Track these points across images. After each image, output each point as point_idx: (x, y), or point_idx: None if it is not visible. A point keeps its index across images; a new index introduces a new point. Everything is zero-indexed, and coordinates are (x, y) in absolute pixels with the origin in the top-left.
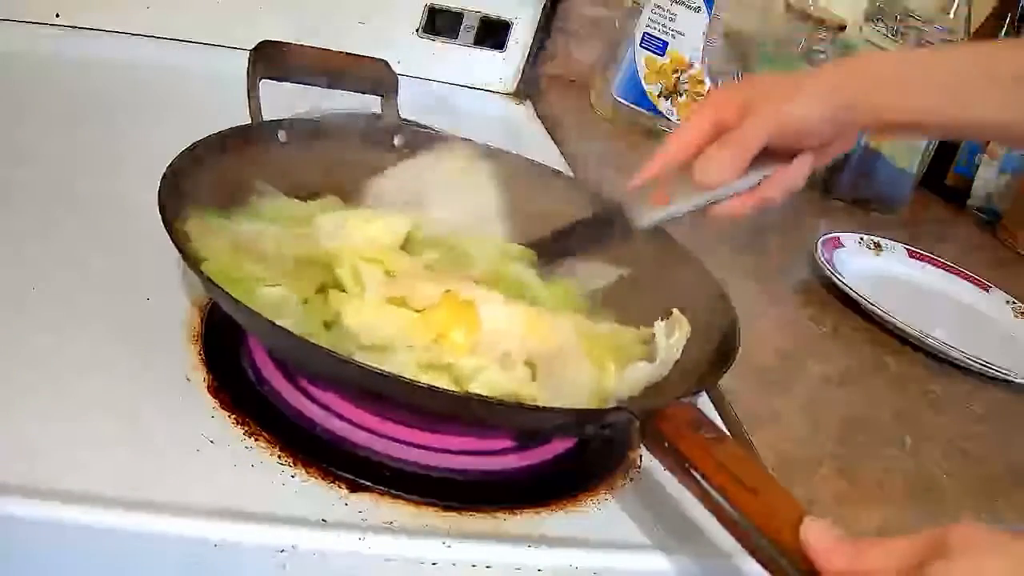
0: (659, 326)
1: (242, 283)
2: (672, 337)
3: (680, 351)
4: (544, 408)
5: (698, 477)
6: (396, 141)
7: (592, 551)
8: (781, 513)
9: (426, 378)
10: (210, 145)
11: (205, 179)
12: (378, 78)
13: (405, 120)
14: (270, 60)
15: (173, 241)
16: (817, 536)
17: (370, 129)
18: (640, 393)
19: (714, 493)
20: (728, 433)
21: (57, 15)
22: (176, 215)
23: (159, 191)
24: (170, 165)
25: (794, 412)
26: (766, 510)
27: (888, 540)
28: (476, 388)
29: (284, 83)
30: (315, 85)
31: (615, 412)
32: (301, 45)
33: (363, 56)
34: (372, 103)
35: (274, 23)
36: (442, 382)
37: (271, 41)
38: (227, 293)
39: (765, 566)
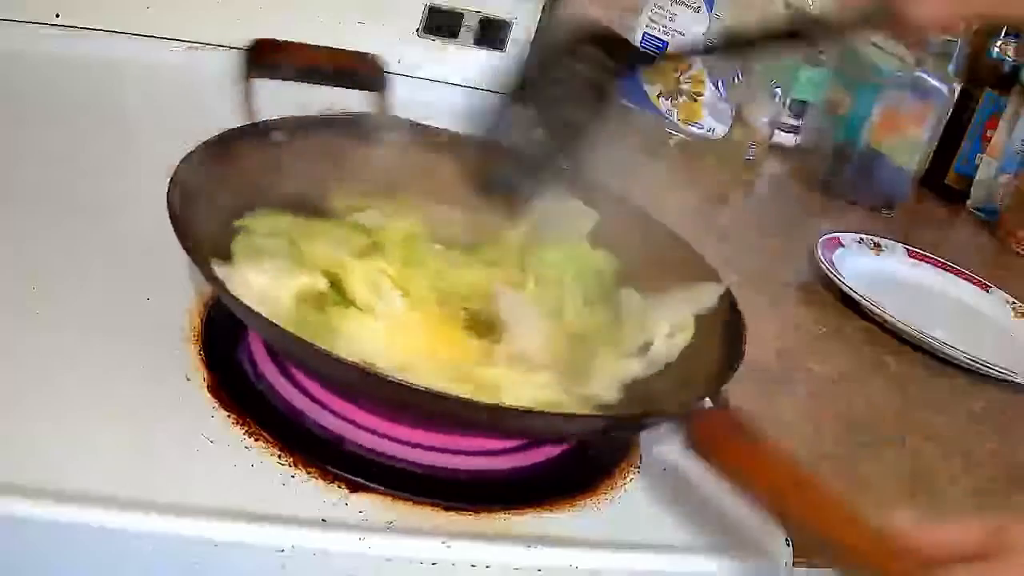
0: (663, 324)
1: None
2: (674, 337)
3: (677, 354)
4: (580, 415)
5: (741, 483)
6: (386, 136)
7: (592, 551)
8: (831, 511)
9: (455, 390)
10: (214, 145)
11: (214, 180)
12: (368, 74)
13: (397, 117)
14: (263, 58)
15: (179, 237)
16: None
17: (362, 125)
18: (626, 390)
19: (759, 498)
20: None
21: (57, 15)
22: (184, 214)
23: (168, 193)
24: (179, 164)
25: (794, 412)
26: (816, 510)
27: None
28: (507, 399)
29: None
30: (308, 83)
31: (653, 417)
32: (293, 42)
33: (354, 52)
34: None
35: (274, 23)
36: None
37: (265, 40)
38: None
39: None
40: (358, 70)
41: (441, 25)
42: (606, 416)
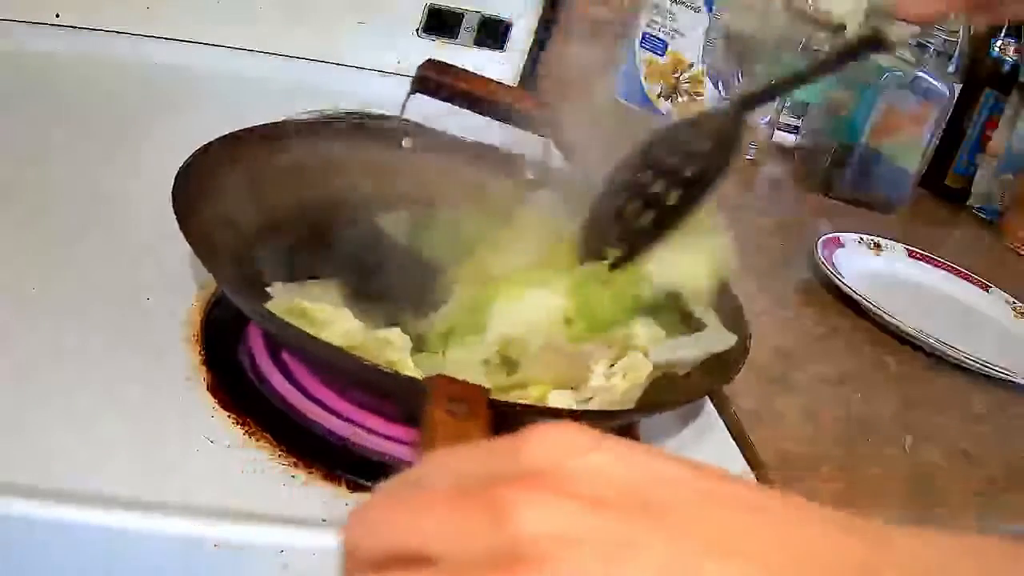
0: (603, 363)
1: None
2: (613, 378)
3: (626, 395)
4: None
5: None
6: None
7: None
8: None
9: None
10: (223, 144)
11: (218, 178)
12: (533, 115)
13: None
14: (428, 77)
15: (186, 236)
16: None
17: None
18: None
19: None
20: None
21: (57, 15)
22: (189, 213)
23: (173, 188)
24: (184, 163)
25: (794, 412)
26: None
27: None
28: None
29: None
30: (470, 110)
31: (399, 380)
32: (462, 69)
33: (523, 91)
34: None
35: (274, 23)
36: None
37: (436, 61)
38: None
39: None
40: (522, 108)
41: (441, 25)
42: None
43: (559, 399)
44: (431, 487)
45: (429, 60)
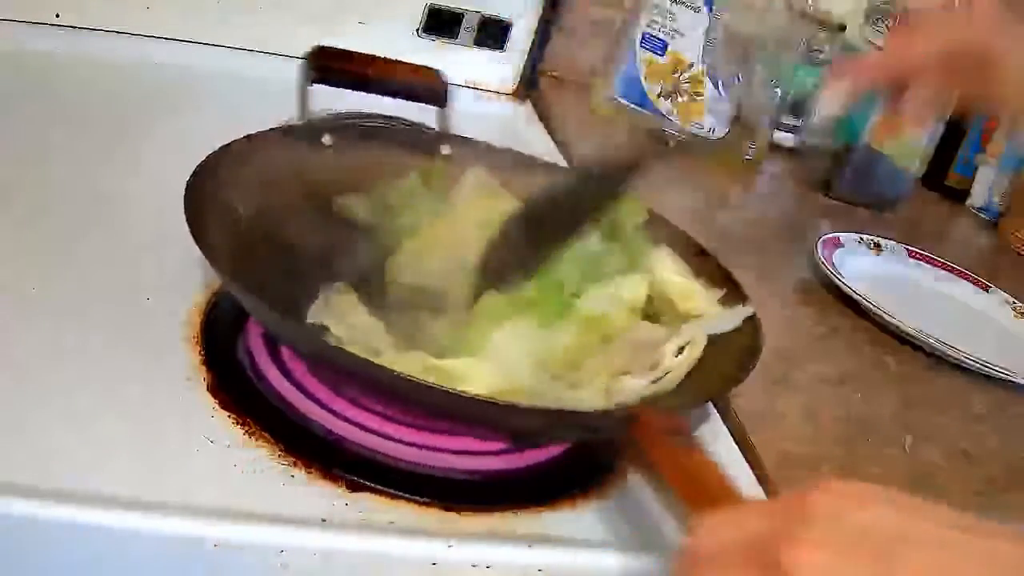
0: (671, 342)
1: None
2: (680, 356)
3: (689, 367)
4: (526, 408)
5: (662, 482)
6: (444, 150)
7: (592, 551)
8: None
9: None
10: (240, 146)
11: (234, 181)
12: (430, 88)
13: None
14: (323, 65)
15: (194, 236)
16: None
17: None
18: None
19: (675, 498)
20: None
21: (57, 15)
22: (201, 215)
23: (186, 191)
24: (200, 164)
25: (794, 412)
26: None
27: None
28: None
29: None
30: (367, 92)
31: (600, 416)
32: (355, 51)
33: (417, 65)
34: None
35: (274, 23)
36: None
37: (327, 47)
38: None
39: None
40: (420, 83)
41: (441, 25)
42: (547, 411)
43: (634, 383)
44: (723, 547)
45: (318, 47)
